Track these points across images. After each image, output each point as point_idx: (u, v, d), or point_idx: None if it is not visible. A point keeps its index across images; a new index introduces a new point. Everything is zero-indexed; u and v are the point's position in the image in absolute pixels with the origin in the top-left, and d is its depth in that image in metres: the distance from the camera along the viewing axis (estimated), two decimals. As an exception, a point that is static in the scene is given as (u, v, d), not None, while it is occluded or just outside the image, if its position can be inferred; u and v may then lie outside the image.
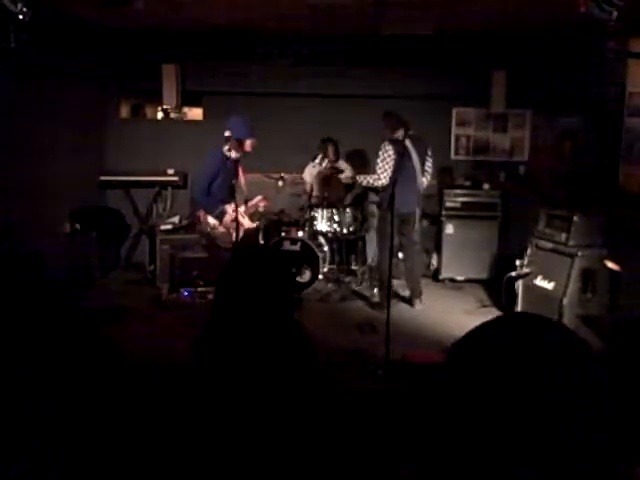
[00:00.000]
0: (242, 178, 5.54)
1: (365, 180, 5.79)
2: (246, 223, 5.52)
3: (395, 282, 6.21)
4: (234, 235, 5.05)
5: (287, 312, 1.72)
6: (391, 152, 5.58)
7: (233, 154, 5.34)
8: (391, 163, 5.58)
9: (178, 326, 5.10)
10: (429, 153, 5.90)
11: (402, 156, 5.57)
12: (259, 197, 5.71)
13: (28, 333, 1.21)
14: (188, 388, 1.60)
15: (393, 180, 5.33)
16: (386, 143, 5.59)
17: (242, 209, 5.40)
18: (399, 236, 5.92)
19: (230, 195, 5.20)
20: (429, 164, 5.89)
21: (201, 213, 5.44)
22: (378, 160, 5.62)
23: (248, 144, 5.38)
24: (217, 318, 1.71)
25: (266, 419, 1.48)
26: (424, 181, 5.89)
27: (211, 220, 5.39)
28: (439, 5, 5.44)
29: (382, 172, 5.57)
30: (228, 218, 5.30)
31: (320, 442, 1.53)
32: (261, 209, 5.73)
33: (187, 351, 1.69)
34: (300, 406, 1.55)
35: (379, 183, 5.65)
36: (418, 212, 5.94)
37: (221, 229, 5.37)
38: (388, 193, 5.17)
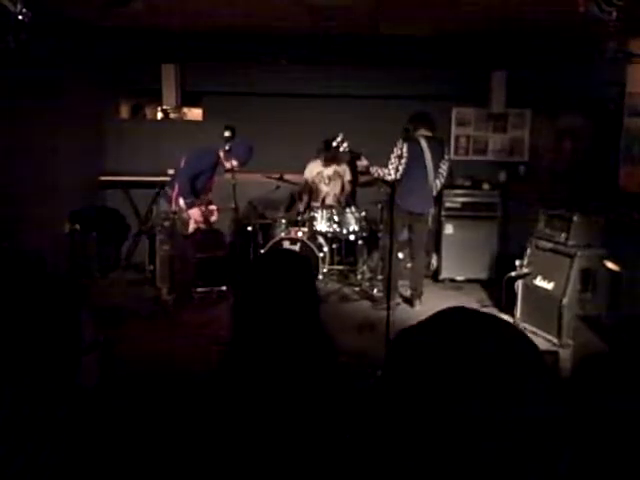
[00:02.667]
0: (212, 181, 5.97)
1: (376, 172, 5.77)
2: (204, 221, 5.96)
3: (400, 282, 6.22)
4: (190, 226, 5.76)
5: (314, 314, 1.70)
6: (404, 150, 5.59)
7: (228, 165, 5.80)
8: (403, 161, 5.58)
9: (178, 326, 5.11)
10: (445, 157, 5.92)
11: (415, 155, 5.61)
12: (214, 207, 6.05)
13: (28, 333, 1.21)
14: (204, 393, 1.58)
15: (399, 178, 5.35)
16: (400, 141, 5.58)
17: (203, 209, 5.89)
18: (410, 234, 5.94)
19: (203, 192, 5.83)
20: (444, 167, 5.88)
21: (174, 192, 5.59)
22: (392, 156, 5.63)
23: (235, 164, 5.80)
24: (243, 324, 1.67)
25: (298, 426, 1.46)
26: (437, 183, 5.89)
27: (182, 203, 5.67)
28: (439, 5, 5.45)
29: (392, 168, 5.56)
30: (196, 213, 5.76)
31: (336, 439, 1.52)
32: (214, 218, 6.09)
33: (187, 351, 1.69)
34: (337, 413, 1.53)
35: (388, 178, 5.63)
36: (432, 213, 5.97)
37: (184, 216, 5.71)
38: (397, 190, 5.15)
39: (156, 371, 3.93)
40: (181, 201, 5.63)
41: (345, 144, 5.68)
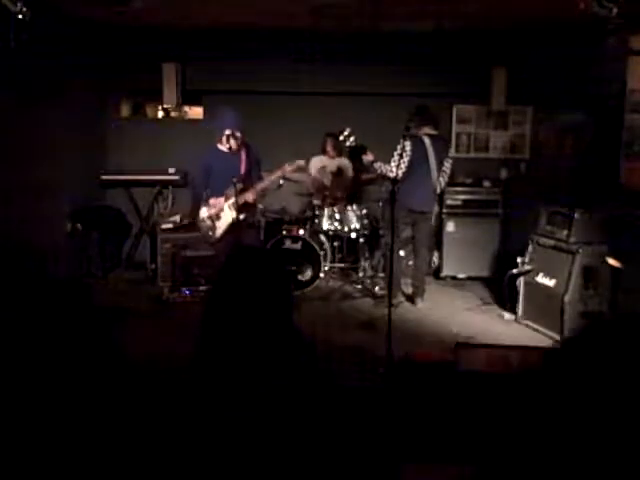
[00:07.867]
0: (242, 169, 5.30)
1: (380, 168, 5.74)
2: (224, 217, 5.27)
3: (402, 280, 6.22)
4: (213, 230, 5.23)
5: (285, 315, 1.71)
6: (408, 148, 5.58)
7: (234, 145, 5.21)
8: (406, 159, 5.57)
9: (179, 325, 5.10)
10: (449, 155, 5.91)
11: (419, 153, 5.60)
12: (249, 195, 5.29)
13: (30, 332, 1.21)
14: (187, 391, 1.59)
15: (401, 177, 5.33)
16: (405, 139, 5.56)
17: (231, 201, 5.16)
18: (412, 232, 5.93)
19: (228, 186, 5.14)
20: (447, 165, 5.86)
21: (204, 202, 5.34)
22: (395, 153, 5.61)
23: (233, 144, 5.22)
24: (212, 323, 1.69)
25: (264, 421, 1.48)
26: (442, 181, 5.88)
27: (202, 213, 5.33)
28: (439, 2, 5.44)
29: (395, 166, 5.53)
30: (212, 211, 5.27)
31: (320, 441, 1.53)
32: (251, 201, 5.34)
33: (188, 351, 1.69)
34: (299, 407, 1.55)
35: (391, 175, 5.59)
36: (435, 211, 5.97)
37: (208, 222, 5.29)
38: (399, 188, 5.14)
39: (158, 370, 3.93)
40: (202, 211, 5.30)
41: (352, 138, 5.66)
